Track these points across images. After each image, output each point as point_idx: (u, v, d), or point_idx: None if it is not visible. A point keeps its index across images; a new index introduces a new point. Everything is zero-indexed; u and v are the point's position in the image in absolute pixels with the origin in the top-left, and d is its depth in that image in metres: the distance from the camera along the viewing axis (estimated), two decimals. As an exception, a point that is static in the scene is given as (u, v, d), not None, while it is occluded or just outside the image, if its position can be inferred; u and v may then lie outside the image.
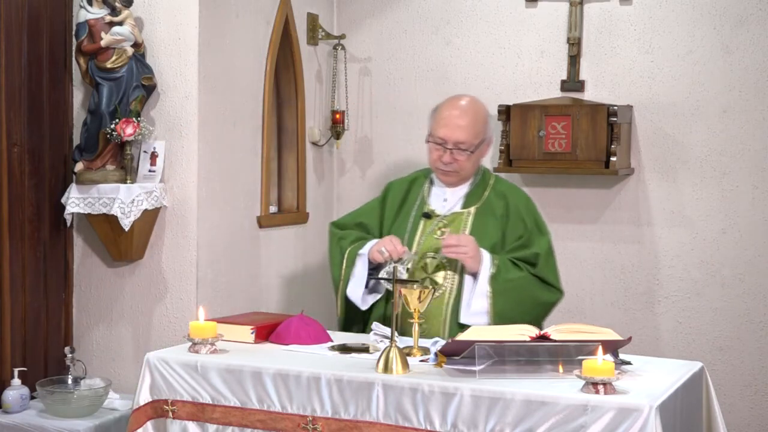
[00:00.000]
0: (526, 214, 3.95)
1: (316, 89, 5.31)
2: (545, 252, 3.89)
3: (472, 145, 3.88)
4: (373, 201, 4.23)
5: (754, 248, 4.78)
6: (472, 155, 3.90)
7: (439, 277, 3.84)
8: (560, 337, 3.05)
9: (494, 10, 5.16)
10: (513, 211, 3.94)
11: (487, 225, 3.90)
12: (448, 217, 3.94)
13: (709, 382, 3.29)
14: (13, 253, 4.19)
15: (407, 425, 2.98)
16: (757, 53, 4.73)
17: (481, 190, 3.99)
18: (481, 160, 4.03)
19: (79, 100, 4.47)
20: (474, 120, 3.90)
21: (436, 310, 3.77)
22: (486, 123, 3.96)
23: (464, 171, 3.93)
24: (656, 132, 4.92)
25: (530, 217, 3.96)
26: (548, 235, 3.98)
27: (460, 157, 3.88)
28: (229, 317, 3.79)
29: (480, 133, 3.91)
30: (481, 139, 3.91)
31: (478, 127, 3.90)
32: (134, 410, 3.33)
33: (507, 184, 4.11)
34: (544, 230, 3.97)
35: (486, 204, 3.95)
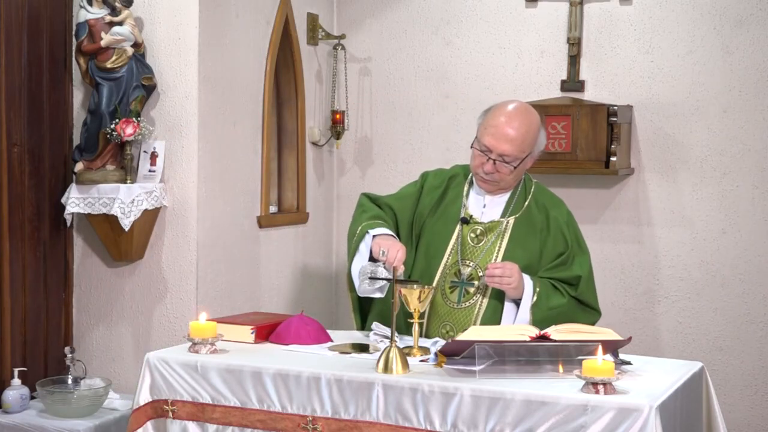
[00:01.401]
0: (568, 230, 3.76)
1: (316, 89, 5.31)
2: (587, 274, 3.72)
3: (518, 159, 3.64)
4: (410, 188, 3.95)
5: (754, 248, 4.79)
6: (516, 169, 3.66)
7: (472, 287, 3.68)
8: (560, 337, 3.05)
9: (494, 10, 5.16)
10: (554, 225, 3.75)
11: (526, 237, 3.72)
12: (485, 225, 3.74)
13: (709, 382, 3.29)
14: (13, 253, 4.19)
15: (407, 425, 2.98)
16: (757, 53, 4.73)
17: (522, 200, 3.78)
18: (523, 172, 3.78)
19: (79, 100, 4.47)
20: (525, 133, 3.63)
21: (464, 319, 3.64)
22: (536, 136, 3.67)
23: (505, 182, 3.71)
24: (656, 132, 4.92)
25: (572, 234, 3.76)
26: (588, 253, 3.80)
27: (503, 169, 3.65)
28: (229, 317, 3.78)
29: (529, 146, 3.65)
30: (528, 152, 3.66)
31: (527, 140, 3.64)
32: (134, 410, 3.32)
33: (548, 194, 3.88)
34: (584, 248, 3.79)
35: (526, 214, 3.75)
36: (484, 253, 3.70)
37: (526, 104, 3.77)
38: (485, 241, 3.72)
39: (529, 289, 3.60)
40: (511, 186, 3.77)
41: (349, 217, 5.47)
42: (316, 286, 5.30)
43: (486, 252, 3.69)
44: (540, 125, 3.72)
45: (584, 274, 3.70)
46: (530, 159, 3.72)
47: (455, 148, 5.25)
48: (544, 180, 5.06)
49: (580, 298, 3.70)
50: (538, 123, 3.71)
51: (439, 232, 3.77)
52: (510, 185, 3.76)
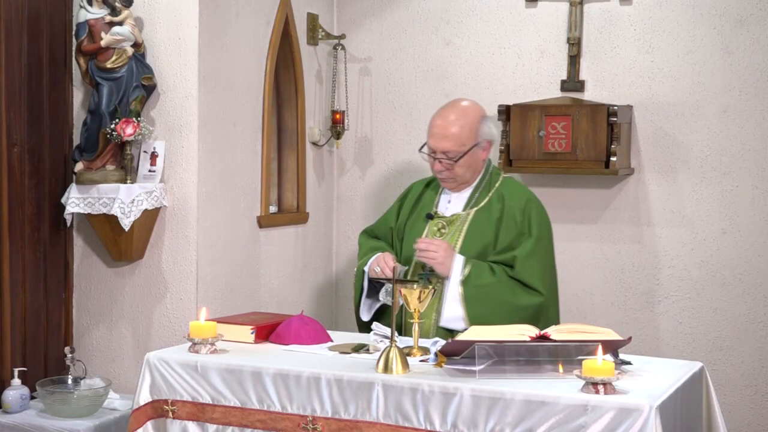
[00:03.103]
0: (521, 216, 3.90)
1: (316, 89, 5.31)
2: (526, 253, 3.82)
3: (459, 153, 3.86)
4: (394, 203, 4.24)
5: (754, 248, 4.79)
6: (462, 162, 3.88)
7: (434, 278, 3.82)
8: (560, 337, 3.05)
9: (494, 10, 5.16)
10: (507, 213, 3.90)
11: (483, 227, 3.89)
12: (447, 218, 3.96)
13: (709, 382, 3.29)
14: (13, 253, 4.19)
15: (407, 425, 2.98)
16: (757, 53, 4.73)
17: (486, 192, 3.97)
18: (481, 163, 3.98)
19: (79, 100, 4.47)
20: (460, 127, 3.87)
21: (428, 310, 3.78)
22: (476, 128, 3.90)
23: (460, 177, 3.93)
24: (656, 132, 4.92)
25: (525, 219, 3.89)
26: (538, 237, 3.88)
27: (448, 165, 3.89)
28: (229, 317, 3.79)
29: (468, 139, 3.87)
30: (471, 145, 3.88)
31: (465, 134, 3.87)
32: (134, 410, 3.33)
33: (513, 186, 4.03)
34: (535, 233, 3.88)
35: (486, 206, 3.94)
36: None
37: (465, 100, 4.02)
38: (446, 233, 3.91)
39: (459, 267, 3.76)
40: (469, 180, 3.97)
41: (349, 217, 5.50)
42: (316, 286, 5.30)
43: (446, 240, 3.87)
44: (481, 117, 3.94)
45: (521, 255, 3.82)
46: (479, 150, 3.94)
47: (455, 148, 5.26)
48: (544, 180, 5.08)
49: (517, 278, 3.79)
50: (478, 115, 3.94)
51: (414, 231, 3.99)
52: (469, 179, 3.96)
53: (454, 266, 3.77)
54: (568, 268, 5.09)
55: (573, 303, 5.07)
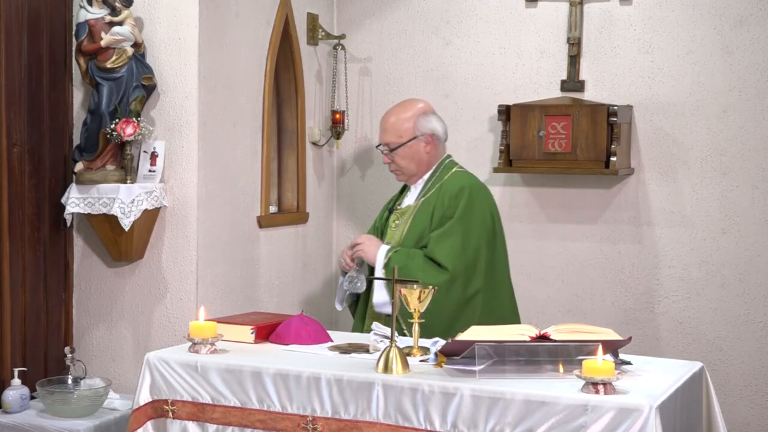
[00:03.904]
0: (449, 200, 4.03)
1: (316, 89, 5.31)
2: (439, 233, 3.97)
3: (395, 144, 4.10)
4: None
5: (754, 248, 4.79)
6: (401, 153, 4.11)
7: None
8: (560, 337, 3.05)
9: (494, 10, 5.16)
10: (439, 200, 4.06)
11: (423, 216, 4.07)
12: (401, 210, 4.16)
13: (709, 382, 3.29)
14: (13, 253, 4.19)
15: (407, 425, 2.98)
16: (757, 53, 4.74)
17: (435, 184, 4.12)
18: (425, 155, 4.13)
19: (79, 100, 4.47)
20: (396, 120, 4.13)
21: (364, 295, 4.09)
22: (414, 121, 4.11)
23: (404, 169, 4.15)
24: (656, 132, 4.92)
25: (452, 204, 4.02)
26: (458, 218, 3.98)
27: (390, 157, 4.14)
28: (229, 317, 3.79)
29: (406, 131, 4.11)
30: (409, 137, 4.10)
31: (401, 126, 4.11)
32: (134, 410, 3.32)
33: (457, 176, 4.15)
34: (457, 214, 3.99)
35: (427, 198, 4.10)
36: (395, 235, 4.12)
37: (413, 98, 4.31)
38: (398, 224, 4.13)
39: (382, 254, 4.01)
40: (415, 172, 4.16)
41: (349, 217, 5.50)
42: (316, 286, 5.30)
43: (397, 233, 4.10)
44: (422, 112, 4.16)
45: (435, 235, 3.98)
46: (420, 143, 4.12)
47: (455, 148, 5.24)
48: (544, 180, 5.08)
49: (429, 255, 3.95)
50: (418, 110, 4.17)
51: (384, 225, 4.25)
52: (414, 171, 4.16)
53: (378, 254, 4.00)
54: (568, 268, 5.09)
55: (573, 303, 5.07)
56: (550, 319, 4.83)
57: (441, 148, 4.21)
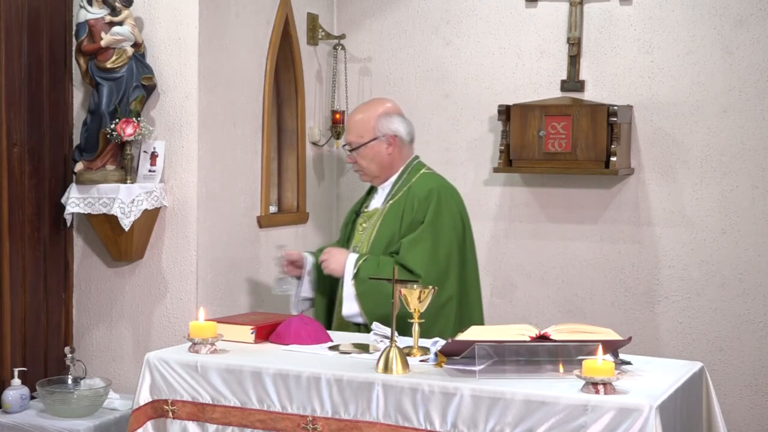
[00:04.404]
0: (419, 204, 3.98)
1: (316, 89, 5.31)
2: (410, 239, 3.92)
3: (357, 144, 4.06)
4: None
5: (754, 248, 4.79)
6: (362, 153, 4.06)
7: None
8: (560, 337, 3.05)
9: (494, 10, 5.16)
10: (408, 203, 4.01)
11: (391, 219, 4.01)
12: (369, 213, 4.11)
13: (709, 382, 3.29)
14: (13, 253, 4.19)
15: (407, 425, 2.98)
16: (757, 53, 4.73)
17: (403, 186, 4.07)
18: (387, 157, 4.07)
19: (79, 100, 4.47)
20: (359, 119, 4.08)
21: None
22: (375, 122, 4.05)
23: (366, 170, 4.10)
24: (656, 132, 4.92)
25: (422, 207, 3.97)
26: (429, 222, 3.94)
27: (353, 157, 4.10)
28: (229, 317, 3.79)
29: (368, 131, 4.05)
30: (370, 138, 4.05)
31: (364, 126, 4.06)
32: (134, 410, 3.32)
33: (425, 178, 4.10)
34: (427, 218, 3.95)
35: (396, 201, 4.05)
36: (363, 238, 4.06)
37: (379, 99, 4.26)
38: (366, 227, 4.07)
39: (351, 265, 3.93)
40: (378, 173, 4.10)
41: (349, 217, 5.48)
42: (316, 286, 5.29)
43: (365, 237, 4.04)
44: (384, 113, 4.08)
45: (406, 241, 3.92)
46: (381, 144, 4.06)
47: (455, 148, 5.26)
48: (544, 180, 5.08)
49: (400, 262, 3.86)
50: (380, 111, 4.09)
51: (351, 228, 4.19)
52: (377, 173, 4.10)
53: (347, 266, 3.93)
54: (568, 268, 5.09)
55: (573, 303, 5.07)
56: (550, 319, 4.83)
57: (406, 149, 4.12)
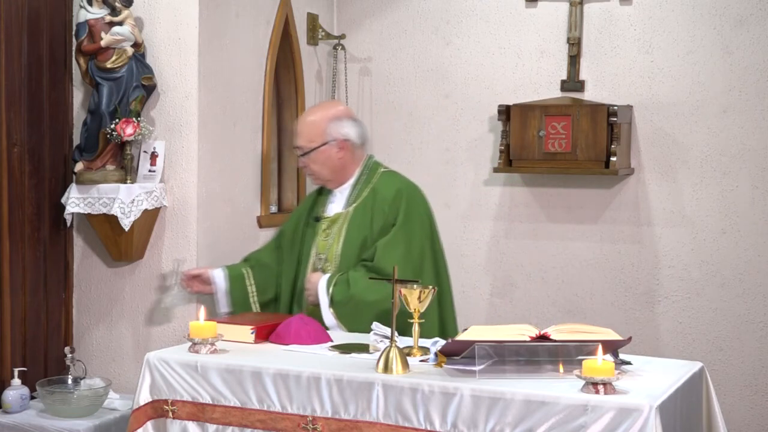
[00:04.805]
0: (389, 206, 3.96)
1: (316, 89, 5.30)
2: (385, 243, 3.89)
3: (307, 149, 3.99)
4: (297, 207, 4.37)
5: (754, 248, 4.78)
6: (312, 158, 3.99)
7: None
8: (560, 337, 3.05)
9: (494, 10, 5.16)
10: (378, 206, 3.98)
11: (360, 223, 3.98)
12: (331, 218, 4.03)
13: (709, 382, 3.29)
14: (13, 253, 4.19)
15: (407, 425, 2.98)
16: (757, 53, 4.73)
17: (364, 188, 4.04)
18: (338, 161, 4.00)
19: (79, 100, 4.47)
20: (309, 124, 4.01)
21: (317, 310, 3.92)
22: (325, 127, 3.98)
23: (318, 173, 4.04)
24: (656, 132, 4.92)
25: (393, 209, 3.96)
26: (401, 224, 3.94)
27: (303, 162, 4.04)
28: (229, 317, 3.79)
29: (318, 135, 3.97)
30: (320, 143, 3.97)
31: (313, 130, 3.99)
32: (134, 410, 3.32)
33: (388, 178, 4.08)
34: (399, 220, 3.94)
35: (362, 202, 4.01)
36: (329, 244, 4.00)
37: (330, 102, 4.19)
38: (330, 233, 4.01)
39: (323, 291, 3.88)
40: (330, 177, 4.04)
41: (349, 217, 5.48)
42: (316, 286, 5.29)
43: (330, 243, 3.99)
44: (333, 117, 4.01)
45: (380, 245, 3.90)
46: (332, 148, 3.99)
47: (455, 148, 5.26)
48: (544, 180, 5.08)
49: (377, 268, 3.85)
50: (332, 114, 4.03)
51: (307, 236, 4.09)
52: (329, 177, 4.04)
53: (320, 295, 3.88)
54: (568, 268, 5.09)
55: (573, 303, 5.07)
56: (550, 319, 4.83)
57: (358, 152, 4.05)
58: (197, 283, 4.12)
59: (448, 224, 5.28)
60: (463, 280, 5.24)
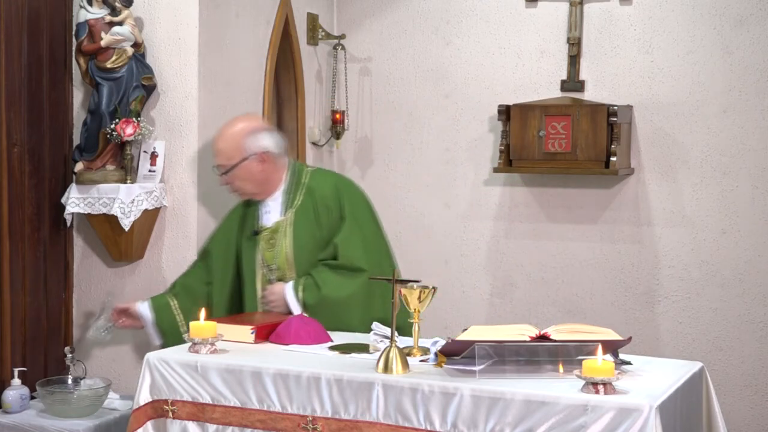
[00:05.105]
0: (333, 202, 3.97)
1: (316, 89, 5.31)
2: (343, 238, 3.91)
3: (228, 166, 3.92)
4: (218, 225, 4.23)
5: (754, 248, 4.79)
6: (234, 175, 3.93)
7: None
8: (560, 337, 3.05)
9: (494, 10, 5.16)
10: (320, 204, 3.97)
11: (304, 225, 3.96)
12: (272, 228, 3.99)
13: (709, 382, 3.29)
14: (13, 253, 4.18)
15: (407, 425, 2.98)
16: (757, 53, 4.73)
17: (297, 192, 4.01)
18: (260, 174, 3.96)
19: (79, 100, 4.47)
20: (225, 142, 3.93)
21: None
22: (242, 143, 3.91)
23: (242, 189, 3.98)
24: (656, 132, 4.92)
25: (337, 204, 3.97)
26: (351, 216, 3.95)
27: (226, 179, 3.97)
28: (229, 317, 3.79)
29: (235, 152, 3.91)
30: (240, 159, 3.90)
31: (231, 147, 3.92)
32: (134, 410, 3.32)
33: (318, 176, 4.08)
34: (346, 213, 3.96)
35: (301, 206, 3.99)
36: (277, 253, 3.96)
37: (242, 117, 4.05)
38: (275, 242, 3.97)
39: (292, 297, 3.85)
40: (256, 191, 3.99)
41: (349, 217, 5.48)
42: (316, 286, 5.29)
43: (278, 251, 3.95)
44: (249, 132, 3.93)
45: (340, 241, 3.90)
46: (253, 163, 3.92)
47: (455, 148, 5.26)
48: (544, 180, 5.08)
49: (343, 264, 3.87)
50: (246, 129, 3.94)
51: (247, 250, 4.02)
52: (255, 190, 3.99)
53: (289, 301, 3.86)
54: (568, 268, 5.09)
55: (573, 303, 5.07)
56: (550, 319, 4.83)
57: (280, 161, 4.00)
58: (126, 318, 4.09)
59: (448, 224, 5.29)
60: (463, 280, 5.25)
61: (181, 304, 4.04)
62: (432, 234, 5.32)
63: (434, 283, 3.39)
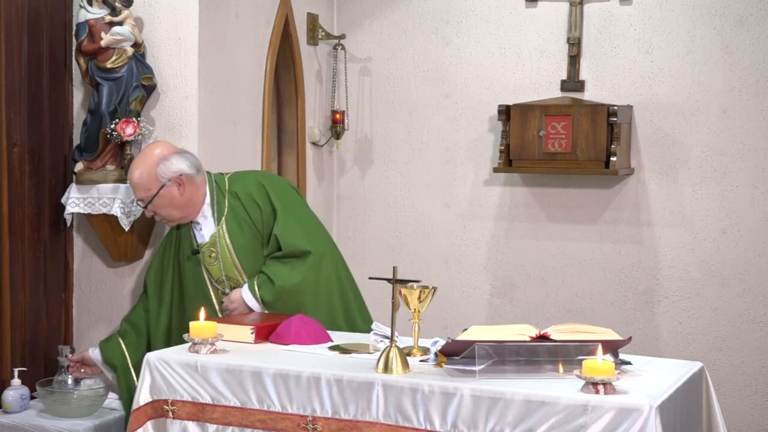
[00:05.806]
0: (259, 198, 3.98)
1: (316, 89, 5.31)
2: (281, 228, 3.93)
3: (148, 198, 3.90)
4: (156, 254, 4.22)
5: (754, 248, 4.79)
6: (157, 204, 3.90)
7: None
8: (560, 337, 3.05)
9: (494, 10, 5.16)
10: (247, 204, 3.98)
11: (239, 230, 3.97)
12: (209, 243, 3.98)
13: (709, 382, 3.29)
14: (13, 253, 4.18)
15: (407, 425, 2.98)
16: (757, 53, 4.74)
17: (222, 201, 4.00)
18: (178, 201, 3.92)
19: (79, 100, 4.47)
20: (139, 176, 3.89)
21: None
22: (154, 172, 3.88)
23: (170, 216, 3.95)
24: (656, 132, 4.92)
25: (263, 199, 3.98)
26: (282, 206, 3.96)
27: (148, 211, 3.94)
28: (229, 317, 3.79)
29: (152, 182, 3.88)
30: (158, 188, 3.87)
31: (145, 179, 3.88)
32: (134, 410, 3.32)
33: (238, 178, 4.08)
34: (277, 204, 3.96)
35: (230, 212, 3.99)
36: (222, 265, 3.97)
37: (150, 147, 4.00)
38: (216, 255, 3.98)
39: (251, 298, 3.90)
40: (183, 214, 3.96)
41: (348, 217, 5.49)
42: (316, 286, 5.29)
43: (223, 261, 3.97)
44: (159, 158, 3.89)
45: (279, 232, 3.93)
46: (171, 188, 3.90)
47: (455, 148, 5.26)
48: (544, 180, 5.08)
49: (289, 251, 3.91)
50: (157, 156, 3.90)
51: (189, 271, 4.03)
52: (181, 214, 3.97)
53: (249, 303, 3.90)
54: (568, 268, 5.09)
55: (573, 303, 5.07)
56: (550, 319, 4.83)
57: (198, 179, 3.95)
58: (85, 367, 4.15)
59: (448, 224, 5.29)
60: (463, 280, 5.25)
61: (129, 340, 4.11)
62: (432, 234, 5.33)
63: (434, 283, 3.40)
